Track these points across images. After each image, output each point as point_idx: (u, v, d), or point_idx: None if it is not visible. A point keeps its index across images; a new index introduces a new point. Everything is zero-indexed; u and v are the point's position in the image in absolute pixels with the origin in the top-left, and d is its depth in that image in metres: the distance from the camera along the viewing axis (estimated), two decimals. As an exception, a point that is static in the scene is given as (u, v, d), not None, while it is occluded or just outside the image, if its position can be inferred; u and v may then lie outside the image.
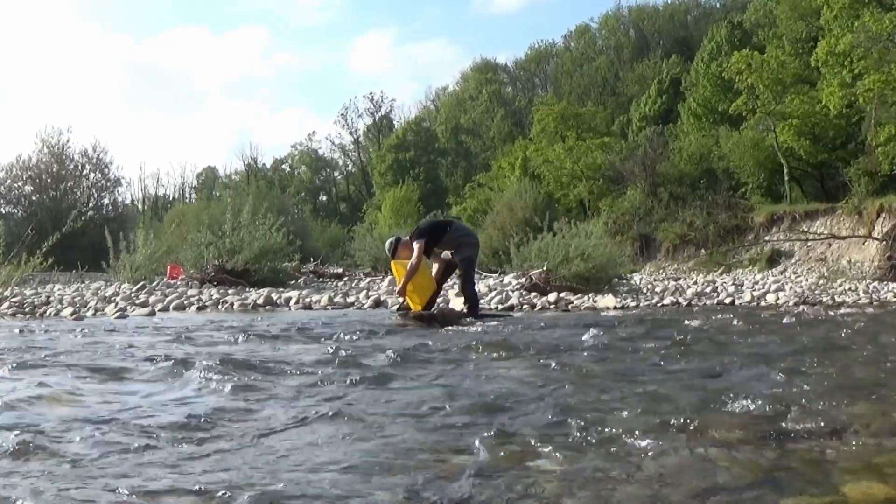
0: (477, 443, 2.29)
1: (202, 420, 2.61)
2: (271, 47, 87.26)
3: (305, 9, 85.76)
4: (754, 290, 11.57)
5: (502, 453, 2.19)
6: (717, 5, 53.08)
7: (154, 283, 11.32)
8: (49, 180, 35.78)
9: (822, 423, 2.51)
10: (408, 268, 7.06)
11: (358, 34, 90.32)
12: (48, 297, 9.10)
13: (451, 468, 2.06)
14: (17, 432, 2.35)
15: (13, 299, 8.35)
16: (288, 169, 63.54)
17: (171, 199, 60.96)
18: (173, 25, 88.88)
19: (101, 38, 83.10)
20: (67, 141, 36.81)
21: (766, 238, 23.79)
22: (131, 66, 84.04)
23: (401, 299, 7.63)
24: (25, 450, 2.17)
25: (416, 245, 7.14)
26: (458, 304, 8.07)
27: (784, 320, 7.07)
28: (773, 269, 21.59)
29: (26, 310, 7.92)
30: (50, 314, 7.80)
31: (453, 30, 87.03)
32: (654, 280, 15.48)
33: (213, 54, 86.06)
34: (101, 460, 2.12)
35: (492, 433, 2.42)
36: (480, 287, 10.28)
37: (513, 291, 10.16)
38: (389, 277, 12.75)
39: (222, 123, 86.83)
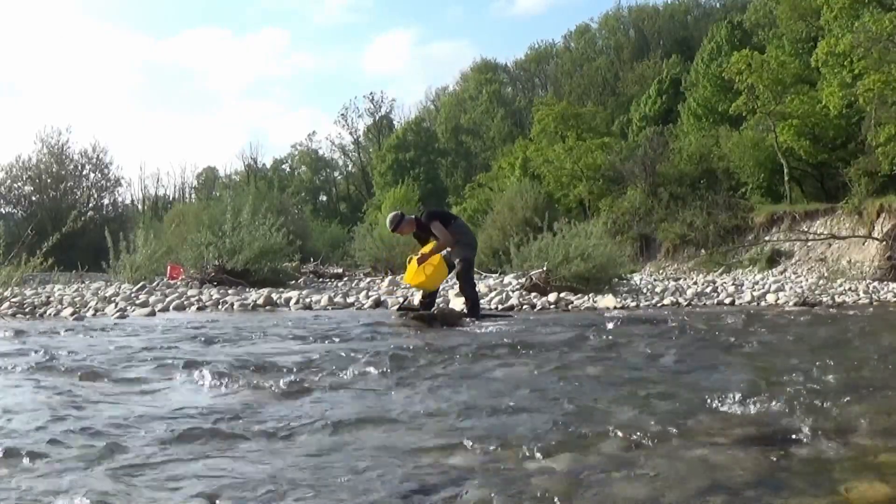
0: (476, 443, 2.29)
1: (205, 421, 2.61)
2: (291, 48, 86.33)
3: (334, 9, 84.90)
4: (754, 291, 11.57)
5: (501, 453, 2.19)
6: (717, 5, 53.09)
7: (154, 284, 11.31)
8: (49, 180, 35.74)
9: (823, 423, 2.51)
10: (436, 245, 7.30)
11: (380, 35, 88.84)
12: (48, 297, 9.09)
13: (450, 468, 2.06)
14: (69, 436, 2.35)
15: (13, 299, 8.34)
16: (288, 169, 63.52)
17: (171, 199, 60.91)
18: (192, 26, 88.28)
19: (117, 38, 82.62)
20: (67, 141, 36.83)
21: (766, 238, 23.78)
22: (146, 66, 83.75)
23: (400, 300, 7.64)
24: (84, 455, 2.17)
25: (435, 226, 7.33)
26: (458, 304, 8.07)
27: (784, 320, 7.07)
28: (773, 270, 21.58)
29: (26, 310, 7.91)
30: (50, 314, 7.79)
31: (474, 31, 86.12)
32: (655, 280, 15.47)
33: (232, 55, 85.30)
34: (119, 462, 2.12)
35: (491, 433, 2.42)
36: (480, 287, 10.27)
37: (513, 291, 10.15)
38: (389, 277, 12.74)
39: (237, 124, 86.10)
